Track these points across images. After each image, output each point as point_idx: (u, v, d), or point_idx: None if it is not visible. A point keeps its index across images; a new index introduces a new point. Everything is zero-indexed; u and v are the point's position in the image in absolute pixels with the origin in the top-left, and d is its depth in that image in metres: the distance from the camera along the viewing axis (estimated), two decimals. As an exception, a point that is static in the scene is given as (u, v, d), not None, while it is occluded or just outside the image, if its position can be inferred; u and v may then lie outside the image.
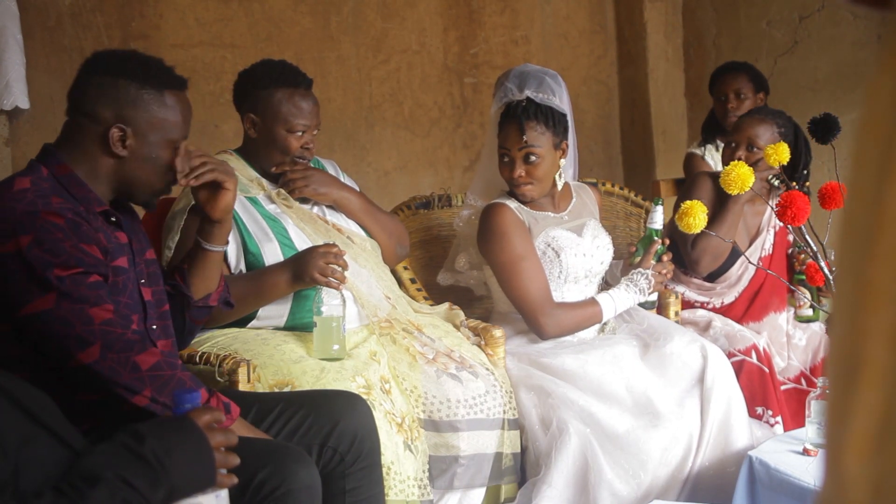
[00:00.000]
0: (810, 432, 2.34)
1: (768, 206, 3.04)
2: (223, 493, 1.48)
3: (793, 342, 3.10)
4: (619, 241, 3.14)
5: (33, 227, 1.74)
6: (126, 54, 1.94)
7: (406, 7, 4.36)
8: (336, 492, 2.03)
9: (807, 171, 3.04)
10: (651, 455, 2.50)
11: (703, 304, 3.15)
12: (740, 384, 2.71)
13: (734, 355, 2.86)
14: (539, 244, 2.72)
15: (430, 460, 2.38)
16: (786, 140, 2.93)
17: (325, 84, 4.09)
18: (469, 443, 2.42)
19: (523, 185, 2.68)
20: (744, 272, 3.13)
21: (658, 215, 2.77)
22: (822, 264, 2.28)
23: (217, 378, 2.20)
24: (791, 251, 3.18)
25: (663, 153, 4.70)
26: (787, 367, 3.05)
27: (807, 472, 2.21)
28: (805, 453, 2.31)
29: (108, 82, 1.87)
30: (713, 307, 3.14)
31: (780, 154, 2.31)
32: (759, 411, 2.82)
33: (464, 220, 2.90)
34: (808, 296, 2.89)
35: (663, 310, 3.01)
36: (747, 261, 2.95)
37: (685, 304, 3.13)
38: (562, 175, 2.76)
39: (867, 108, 0.51)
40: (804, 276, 2.63)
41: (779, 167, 2.63)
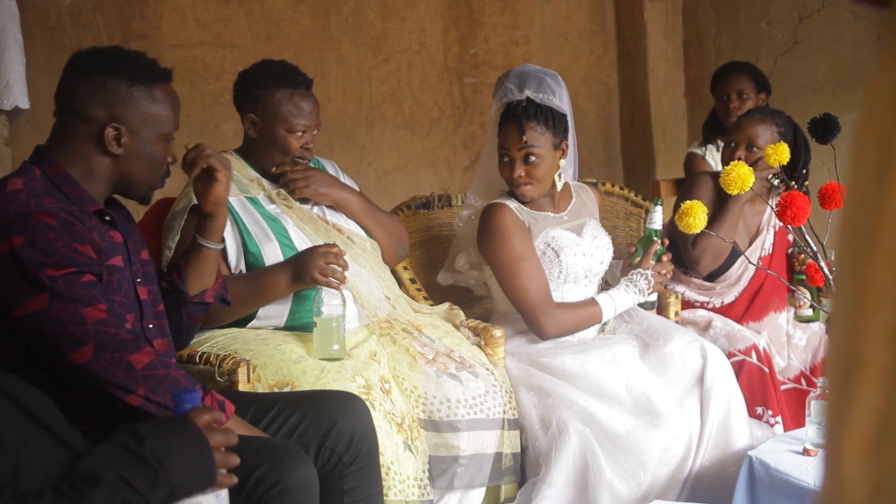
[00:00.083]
0: (810, 432, 2.34)
1: (768, 206, 3.04)
2: (223, 492, 1.48)
3: (793, 342, 3.10)
4: (619, 241, 3.14)
5: (26, 228, 1.73)
6: (108, 52, 1.93)
7: (406, 7, 4.36)
8: (334, 492, 2.03)
9: (806, 171, 3.04)
10: (651, 455, 2.50)
11: (703, 304, 3.15)
12: (740, 384, 2.71)
13: (734, 355, 2.86)
14: (539, 244, 2.72)
15: (430, 460, 2.38)
16: (785, 140, 2.93)
17: (325, 84, 4.09)
18: (469, 443, 2.42)
19: (523, 186, 2.68)
20: (744, 272, 3.13)
21: (657, 216, 2.77)
22: (822, 264, 2.28)
23: (217, 378, 2.20)
24: (791, 251, 3.18)
25: (663, 153, 4.70)
26: (787, 366, 3.05)
27: (807, 472, 2.21)
28: (805, 453, 2.31)
29: (97, 82, 1.87)
30: (713, 307, 3.14)
31: (780, 154, 2.31)
32: (759, 411, 2.82)
33: (464, 220, 2.90)
34: (808, 296, 2.89)
35: (663, 310, 3.01)
36: (747, 260, 2.95)
37: (685, 304, 3.13)
38: (562, 175, 2.76)
39: (866, 108, 0.51)
40: (804, 276, 2.63)
41: (778, 167, 2.63)
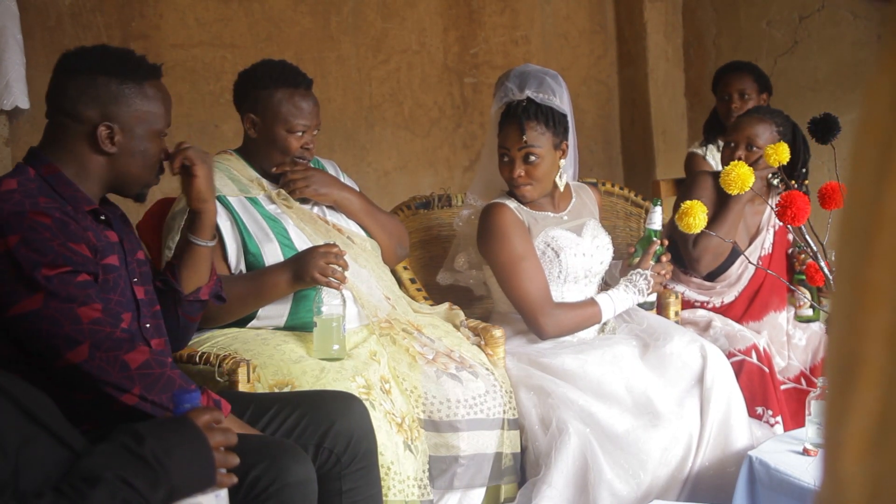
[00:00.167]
0: (810, 432, 2.34)
1: (768, 206, 3.04)
2: (223, 492, 1.48)
3: (793, 342, 3.10)
4: (619, 241, 3.14)
5: (21, 227, 1.73)
6: (97, 50, 1.93)
7: (406, 7, 4.36)
8: (332, 492, 2.02)
9: (805, 170, 3.04)
10: (651, 455, 2.50)
11: (703, 304, 3.15)
12: (740, 384, 2.71)
13: (734, 355, 2.86)
14: (539, 244, 2.72)
15: (430, 460, 2.38)
16: (784, 139, 2.93)
17: (325, 84, 4.09)
18: (469, 443, 2.42)
19: (523, 186, 2.68)
20: (744, 271, 3.13)
21: (657, 216, 2.77)
22: (822, 264, 2.28)
23: (217, 378, 2.19)
24: (791, 251, 3.18)
25: (663, 153, 4.70)
26: (787, 366, 3.05)
27: (807, 472, 2.21)
28: (805, 453, 2.31)
29: (87, 81, 1.87)
30: (713, 306, 3.14)
31: (780, 154, 2.31)
32: (759, 411, 2.82)
33: (463, 219, 2.90)
34: (808, 296, 2.89)
35: (663, 310, 3.01)
36: (747, 260, 2.95)
37: (685, 304, 3.13)
38: (562, 176, 2.76)
39: (866, 108, 0.51)
40: (804, 276, 2.63)
41: (778, 166, 2.63)
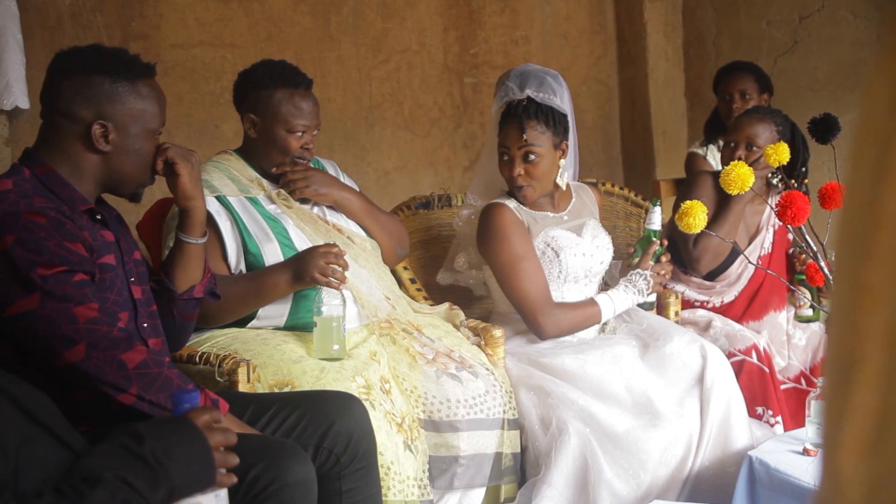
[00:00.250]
0: (810, 432, 2.34)
1: (767, 205, 3.04)
2: (223, 492, 1.48)
3: (793, 342, 3.10)
4: (618, 241, 3.14)
5: (16, 227, 1.73)
6: (91, 50, 1.93)
7: (406, 7, 4.36)
8: (332, 493, 2.02)
9: (805, 169, 3.04)
10: (651, 455, 2.50)
11: (702, 304, 3.15)
12: (740, 384, 2.71)
13: (734, 355, 2.86)
14: (538, 244, 2.72)
15: (430, 460, 2.38)
16: (783, 139, 2.93)
17: (325, 84, 4.09)
18: (469, 443, 2.42)
19: (523, 187, 2.68)
20: (743, 271, 3.13)
21: (656, 216, 2.77)
22: (822, 264, 2.28)
23: (217, 378, 2.19)
24: (791, 251, 3.18)
25: (663, 153, 4.70)
26: (787, 366, 3.05)
27: (807, 472, 2.21)
28: (805, 453, 2.31)
29: (81, 80, 1.86)
30: (713, 306, 3.14)
31: (780, 154, 2.31)
32: (759, 411, 2.82)
33: (463, 219, 2.90)
34: (808, 296, 2.89)
35: (663, 310, 3.01)
36: (747, 260, 2.95)
37: (685, 304, 3.13)
38: (563, 175, 2.76)
39: (865, 108, 0.51)
40: (804, 276, 2.63)
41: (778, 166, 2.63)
